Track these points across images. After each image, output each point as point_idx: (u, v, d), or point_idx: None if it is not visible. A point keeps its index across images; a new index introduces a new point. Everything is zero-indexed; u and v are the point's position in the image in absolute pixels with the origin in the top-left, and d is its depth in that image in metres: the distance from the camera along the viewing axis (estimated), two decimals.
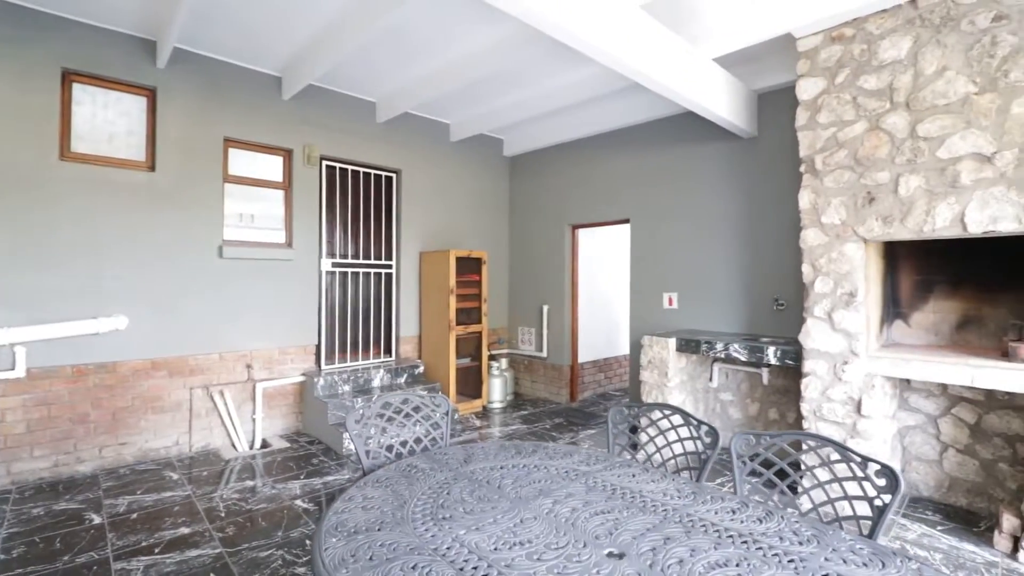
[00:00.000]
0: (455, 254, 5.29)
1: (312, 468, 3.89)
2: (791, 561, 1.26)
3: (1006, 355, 2.78)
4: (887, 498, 1.44)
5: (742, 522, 1.46)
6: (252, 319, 4.48)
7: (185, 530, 2.92)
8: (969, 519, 3.10)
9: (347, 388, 4.80)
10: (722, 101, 3.87)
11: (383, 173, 5.47)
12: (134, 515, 3.09)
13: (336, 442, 4.27)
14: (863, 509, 2.45)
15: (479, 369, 5.58)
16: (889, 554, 1.28)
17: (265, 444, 4.44)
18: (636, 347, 5.02)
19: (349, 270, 5.20)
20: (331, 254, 5.09)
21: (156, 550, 2.70)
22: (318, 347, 4.94)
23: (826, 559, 1.27)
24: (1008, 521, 2.73)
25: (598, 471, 1.86)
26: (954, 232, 2.78)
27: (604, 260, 6.66)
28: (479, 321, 5.58)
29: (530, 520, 1.47)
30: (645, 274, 5.15)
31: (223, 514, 3.13)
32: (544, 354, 6.14)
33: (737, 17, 3.46)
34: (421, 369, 5.37)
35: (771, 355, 3.56)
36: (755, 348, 3.65)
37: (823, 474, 2.94)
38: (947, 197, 2.79)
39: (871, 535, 1.43)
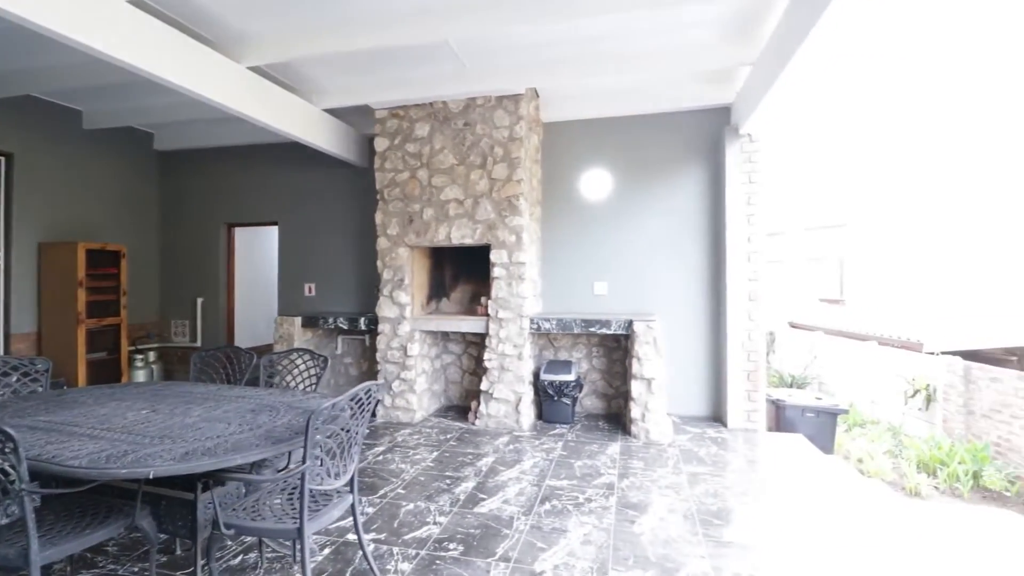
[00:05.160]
0: (85, 246, 5.27)
1: None
2: (264, 401, 2.57)
3: (476, 314, 4.98)
4: (322, 373, 2.95)
5: (252, 395, 2.72)
6: None
7: None
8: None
9: None
10: (332, 140, 5.26)
11: None
12: None
13: None
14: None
15: (118, 361, 5.66)
16: (310, 395, 2.72)
17: None
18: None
19: None
20: None
21: None
22: None
23: (279, 400, 2.62)
24: (473, 405, 4.91)
25: (177, 388, 2.87)
26: (446, 243, 4.82)
27: (264, 255, 7.43)
28: (118, 314, 5.65)
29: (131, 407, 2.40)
30: (290, 268, 6.23)
31: None
32: (199, 344, 6.54)
33: (340, 87, 4.89)
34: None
35: (363, 324, 5.15)
36: (354, 320, 5.19)
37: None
38: (444, 222, 4.81)
39: (315, 390, 2.91)
